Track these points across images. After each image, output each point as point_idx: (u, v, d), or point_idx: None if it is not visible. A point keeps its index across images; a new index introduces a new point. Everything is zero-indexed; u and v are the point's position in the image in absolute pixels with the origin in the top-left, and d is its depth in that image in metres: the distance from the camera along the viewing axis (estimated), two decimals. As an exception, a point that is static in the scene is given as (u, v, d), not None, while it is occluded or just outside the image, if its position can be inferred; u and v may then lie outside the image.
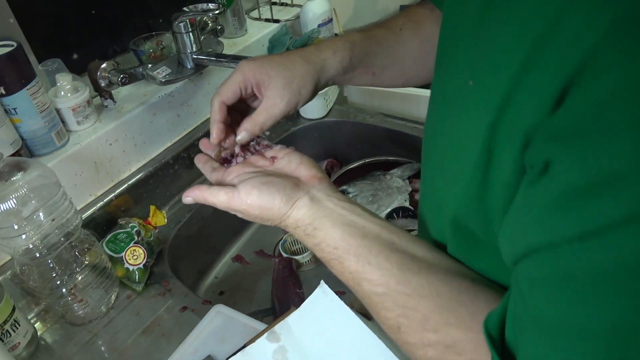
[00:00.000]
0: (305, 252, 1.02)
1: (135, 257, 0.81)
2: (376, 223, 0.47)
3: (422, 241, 0.47)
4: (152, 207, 0.89)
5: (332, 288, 0.99)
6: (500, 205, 0.35)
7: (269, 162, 0.55)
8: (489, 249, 0.39)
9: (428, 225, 0.51)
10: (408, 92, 1.16)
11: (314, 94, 0.57)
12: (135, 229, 0.83)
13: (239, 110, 0.60)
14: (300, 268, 1.02)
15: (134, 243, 0.82)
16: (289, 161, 0.54)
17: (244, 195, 0.48)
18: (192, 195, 0.51)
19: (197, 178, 1.03)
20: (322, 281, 0.68)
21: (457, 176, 0.39)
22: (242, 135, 0.56)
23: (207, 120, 1.04)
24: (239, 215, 0.51)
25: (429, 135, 0.48)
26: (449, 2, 0.45)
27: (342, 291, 0.99)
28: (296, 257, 1.01)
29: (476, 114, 0.36)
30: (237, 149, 0.57)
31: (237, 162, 0.56)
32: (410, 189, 1.07)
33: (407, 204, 1.03)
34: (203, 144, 0.61)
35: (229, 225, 1.07)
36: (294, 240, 1.05)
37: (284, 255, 1.01)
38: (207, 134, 1.01)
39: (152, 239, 0.85)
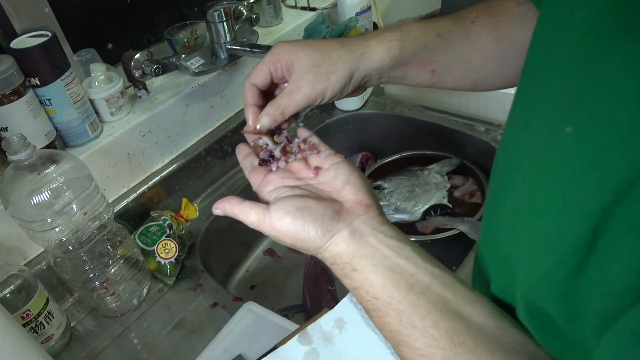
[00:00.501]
0: None
1: (167, 250, 0.80)
2: (427, 271, 0.39)
3: (482, 300, 0.38)
4: (184, 200, 0.88)
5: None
6: (599, 308, 0.27)
7: (313, 174, 0.47)
8: (572, 343, 0.31)
9: (489, 277, 0.41)
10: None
11: (347, 84, 0.49)
12: (167, 222, 0.82)
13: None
14: None
15: (166, 236, 0.81)
16: (335, 177, 0.45)
17: (275, 221, 0.41)
18: (222, 208, 0.45)
19: (230, 170, 1.01)
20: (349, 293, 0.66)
21: (538, 251, 0.31)
22: (262, 120, 0.49)
23: (241, 112, 1.02)
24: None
25: (501, 167, 0.39)
26: (552, 3, 0.36)
27: None
28: None
29: (580, 182, 0.27)
30: (277, 152, 0.49)
31: (277, 167, 0.49)
32: (449, 186, 1.02)
33: (445, 201, 0.99)
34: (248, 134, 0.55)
35: None
36: None
37: None
38: (242, 125, 1.00)
39: (183, 232, 0.84)
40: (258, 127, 0.50)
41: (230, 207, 0.44)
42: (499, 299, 0.40)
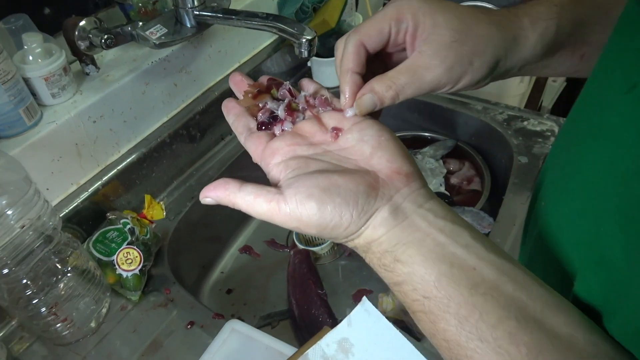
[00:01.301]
0: (325, 241, 0.88)
1: (129, 260, 0.66)
2: (494, 264, 0.30)
3: (565, 304, 0.31)
4: (148, 197, 0.74)
5: (357, 282, 0.89)
6: None
7: (331, 137, 0.36)
8: None
9: (572, 275, 0.34)
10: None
11: (490, 74, 0.38)
12: (128, 226, 0.69)
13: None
14: (318, 260, 0.90)
15: (127, 244, 0.67)
16: (361, 139, 0.35)
17: (295, 209, 0.31)
18: (215, 197, 0.33)
19: (200, 158, 0.88)
20: (364, 298, 0.55)
21: None
22: (365, 100, 0.36)
23: (212, 89, 0.88)
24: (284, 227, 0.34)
25: (590, 141, 0.33)
26: None
27: (370, 290, 0.89)
28: (314, 249, 0.87)
29: None
30: (281, 111, 0.37)
31: (283, 130, 0.37)
32: (445, 171, 0.93)
33: (442, 189, 0.90)
34: (235, 81, 0.42)
35: (235, 209, 0.93)
36: None
37: (299, 245, 0.88)
38: (213, 105, 0.87)
39: (148, 237, 0.70)
40: (357, 109, 0.36)
41: (226, 195, 0.33)
42: (583, 302, 0.32)
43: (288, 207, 0.31)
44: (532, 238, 0.41)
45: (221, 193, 0.33)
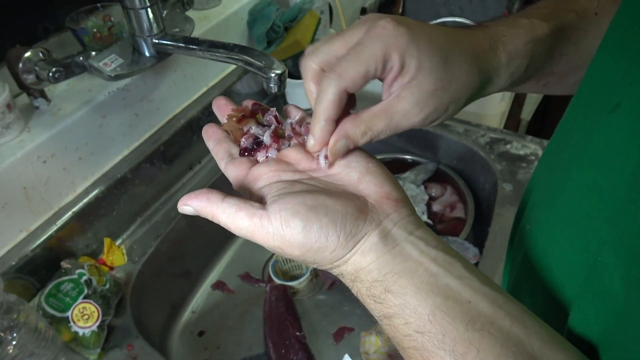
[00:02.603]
0: (303, 274, 0.83)
1: (85, 316, 0.60)
2: (488, 297, 0.29)
3: (560, 340, 0.29)
4: (107, 241, 0.68)
5: (337, 319, 0.83)
6: None
7: (317, 166, 0.34)
8: None
9: (567, 306, 0.32)
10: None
11: (455, 113, 0.37)
12: (84, 277, 0.62)
13: None
14: (296, 295, 0.84)
15: (84, 298, 0.61)
16: (348, 165, 0.34)
17: (279, 226, 0.30)
18: (195, 206, 0.31)
19: (165, 192, 0.82)
20: (346, 355, 0.51)
21: None
22: (339, 146, 0.33)
23: (176, 118, 0.82)
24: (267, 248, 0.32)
25: (577, 162, 0.32)
26: None
27: (352, 327, 0.84)
28: (291, 283, 0.82)
29: None
30: (267, 137, 0.36)
31: (266, 157, 0.35)
32: (427, 198, 0.88)
33: (425, 217, 0.85)
34: (218, 105, 0.39)
35: (206, 242, 0.88)
36: (286, 258, 0.86)
37: (276, 280, 0.83)
38: (179, 134, 0.82)
39: (107, 286, 0.64)
40: (329, 155, 0.34)
41: (206, 206, 0.31)
42: (578, 333, 0.31)
43: (271, 224, 0.30)
44: (517, 263, 0.40)
45: (202, 203, 0.31)
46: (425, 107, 0.34)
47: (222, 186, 0.34)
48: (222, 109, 0.38)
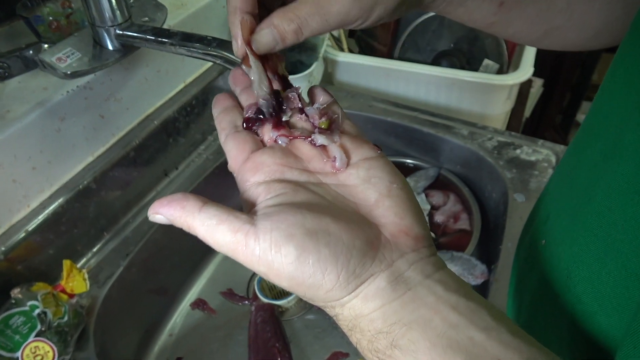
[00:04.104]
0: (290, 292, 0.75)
1: (38, 357, 0.51)
2: (521, 352, 0.23)
3: None
4: (67, 264, 0.59)
5: (330, 342, 0.76)
6: None
7: (332, 168, 0.29)
8: None
9: (607, 347, 0.27)
10: (411, 70, 0.89)
11: (403, 2, 0.33)
12: (37, 310, 0.53)
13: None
14: (284, 314, 0.77)
15: (36, 335, 0.52)
16: (368, 180, 0.29)
17: (266, 249, 0.25)
18: (168, 215, 0.27)
19: (138, 202, 0.72)
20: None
21: None
22: (262, 35, 0.31)
23: (148, 119, 0.73)
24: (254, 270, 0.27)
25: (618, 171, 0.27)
26: None
27: (346, 353, 0.76)
28: (278, 302, 0.74)
29: None
30: (273, 134, 0.31)
31: (274, 140, 0.31)
32: (428, 208, 0.80)
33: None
34: (235, 78, 0.34)
35: (184, 255, 0.79)
36: None
37: (262, 298, 0.74)
38: (152, 136, 0.73)
39: (66, 319, 0.55)
40: (253, 43, 0.32)
41: (180, 215, 0.26)
42: None
43: (258, 246, 0.25)
44: (530, 287, 0.36)
45: (176, 212, 0.26)
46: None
47: (203, 194, 0.27)
48: (239, 80, 0.34)
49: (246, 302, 0.78)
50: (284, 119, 0.31)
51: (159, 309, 0.76)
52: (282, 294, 0.77)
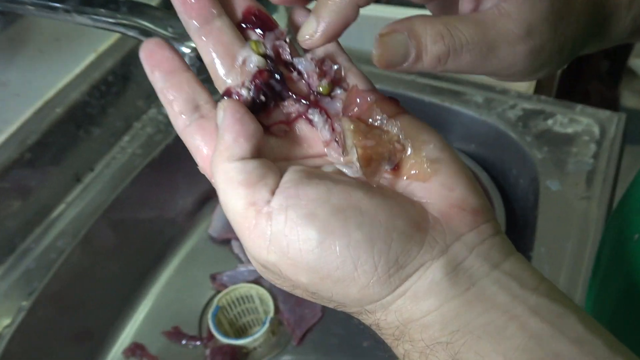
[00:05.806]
0: (261, 323, 0.77)
1: None
2: None
3: None
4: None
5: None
6: None
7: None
8: None
9: None
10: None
11: (573, 55, 0.34)
12: None
13: None
14: (250, 356, 0.78)
15: None
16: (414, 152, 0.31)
17: (280, 230, 0.27)
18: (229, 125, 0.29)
19: (42, 220, 0.73)
20: None
21: None
22: (393, 38, 0.30)
23: (48, 106, 0.74)
24: (258, 269, 0.30)
25: None
26: None
27: None
28: (241, 342, 0.76)
29: None
30: (288, 108, 0.32)
31: (290, 112, 0.32)
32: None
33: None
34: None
35: (114, 284, 0.81)
36: (233, 301, 0.81)
37: (219, 336, 0.76)
38: (54, 129, 0.73)
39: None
40: (376, 51, 0.30)
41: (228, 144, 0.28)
42: None
43: (270, 228, 0.27)
44: (614, 290, 0.39)
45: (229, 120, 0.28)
46: (535, 35, 0.30)
47: (131, 204, 0.28)
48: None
49: (198, 342, 0.80)
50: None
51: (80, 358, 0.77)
52: (246, 329, 0.77)
